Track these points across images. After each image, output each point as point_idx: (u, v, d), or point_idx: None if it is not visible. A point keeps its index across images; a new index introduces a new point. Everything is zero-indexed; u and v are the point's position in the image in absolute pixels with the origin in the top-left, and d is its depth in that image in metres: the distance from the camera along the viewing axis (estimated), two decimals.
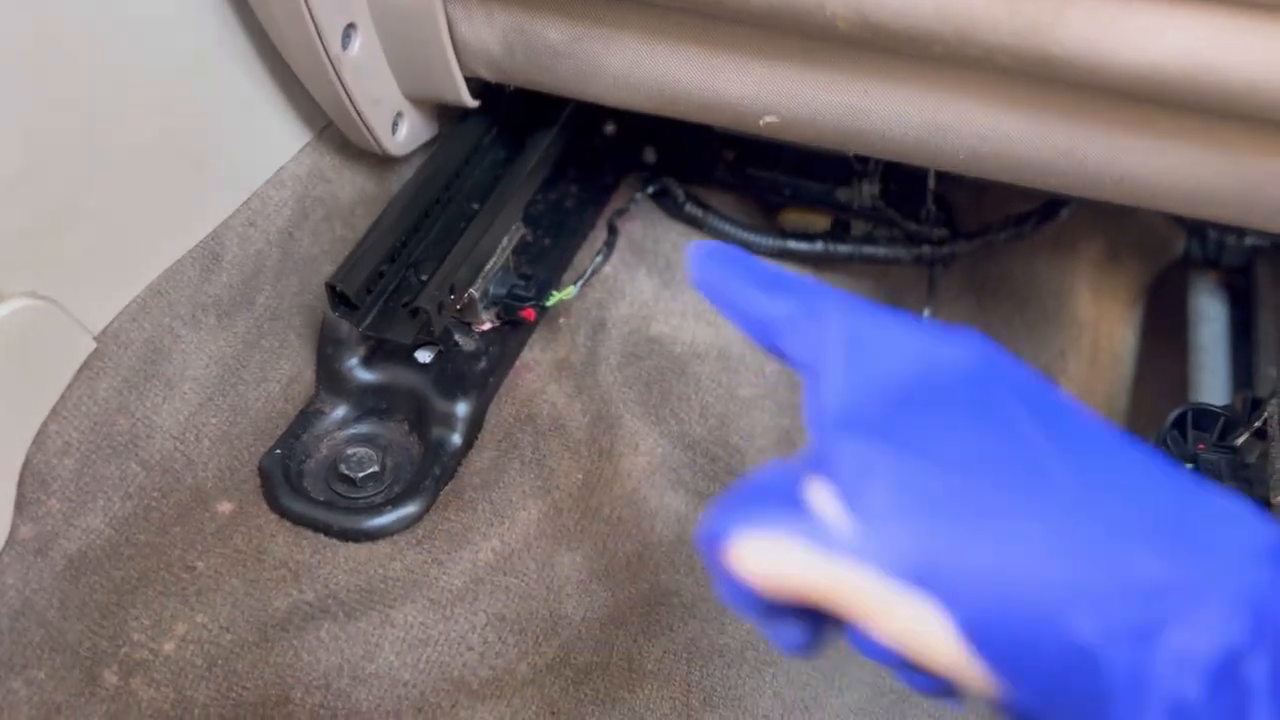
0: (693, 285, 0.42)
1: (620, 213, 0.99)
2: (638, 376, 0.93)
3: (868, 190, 0.98)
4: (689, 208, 1.01)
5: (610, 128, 1.02)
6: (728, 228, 1.02)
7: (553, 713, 0.76)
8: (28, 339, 0.71)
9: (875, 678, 0.81)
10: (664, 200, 1.03)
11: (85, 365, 0.76)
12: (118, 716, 0.71)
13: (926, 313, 1.01)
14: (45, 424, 0.74)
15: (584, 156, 1.02)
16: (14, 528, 0.72)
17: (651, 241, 1.01)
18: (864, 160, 0.98)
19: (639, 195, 1.01)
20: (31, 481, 0.73)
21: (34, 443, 0.73)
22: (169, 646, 0.74)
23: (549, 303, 0.88)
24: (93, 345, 0.76)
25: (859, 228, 1.03)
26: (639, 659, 0.80)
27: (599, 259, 0.93)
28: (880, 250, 1.01)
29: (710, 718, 0.77)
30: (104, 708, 0.71)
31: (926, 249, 1.00)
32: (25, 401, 0.73)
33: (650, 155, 1.03)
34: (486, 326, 0.88)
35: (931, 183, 0.99)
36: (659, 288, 0.98)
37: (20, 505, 0.73)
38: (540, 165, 0.90)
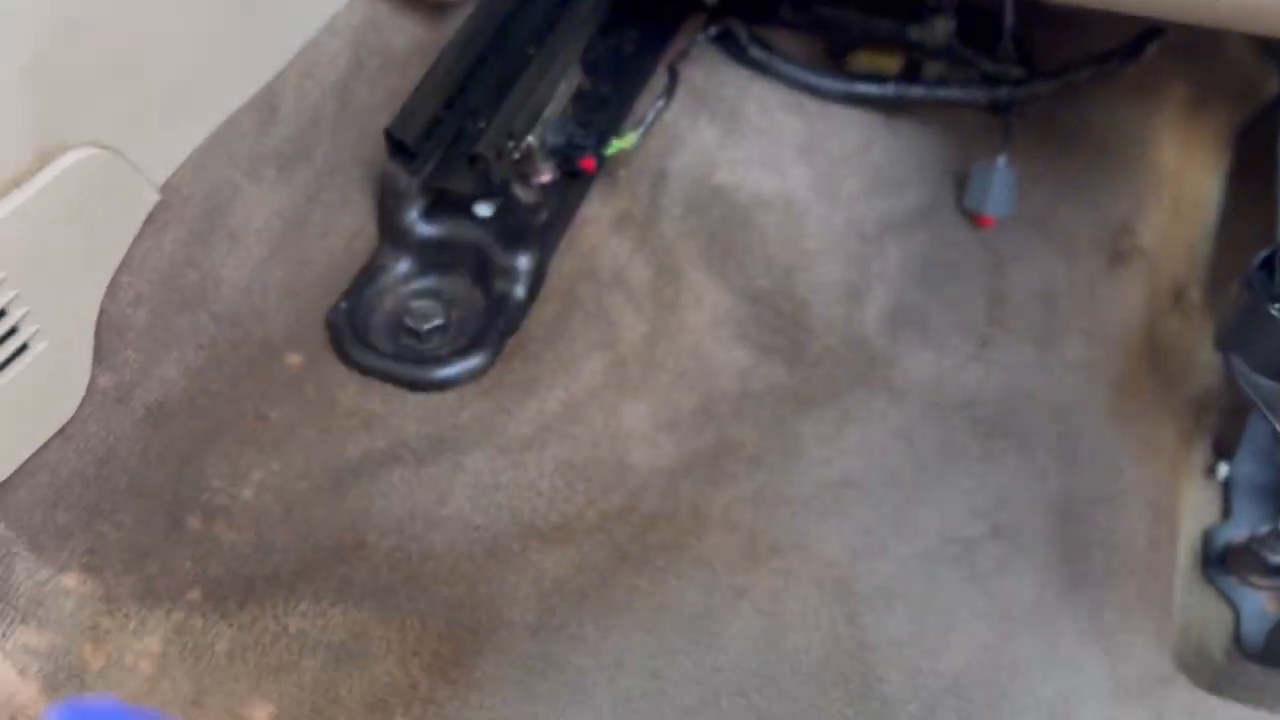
0: None
1: (681, 56, 0.95)
2: (700, 228, 0.91)
3: (942, 27, 0.93)
4: (753, 51, 0.97)
5: None
6: (793, 71, 0.98)
7: (621, 557, 0.77)
8: (95, 189, 0.71)
9: (942, 526, 0.81)
10: (727, 43, 0.99)
11: (151, 217, 0.76)
12: (203, 559, 0.74)
13: (1002, 160, 0.97)
14: (117, 275, 0.75)
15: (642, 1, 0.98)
16: (93, 377, 0.74)
17: (714, 87, 0.98)
18: None
19: (700, 38, 0.97)
20: (108, 332, 0.74)
21: (107, 294, 0.74)
22: (247, 493, 0.76)
23: (608, 151, 0.86)
24: (157, 197, 0.76)
25: (932, 69, 0.98)
26: (705, 507, 0.80)
27: (659, 106, 0.91)
28: (954, 93, 0.96)
29: (777, 563, 0.78)
30: (190, 550, 0.74)
31: (1003, 91, 0.96)
32: (97, 252, 0.73)
33: None
34: (546, 178, 0.87)
35: (1009, 19, 0.94)
36: (721, 135, 0.96)
37: (98, 355, 0.74)
38: (597, 7, 0.86)
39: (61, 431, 0.73)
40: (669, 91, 0.91)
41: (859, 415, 0.88)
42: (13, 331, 0.67)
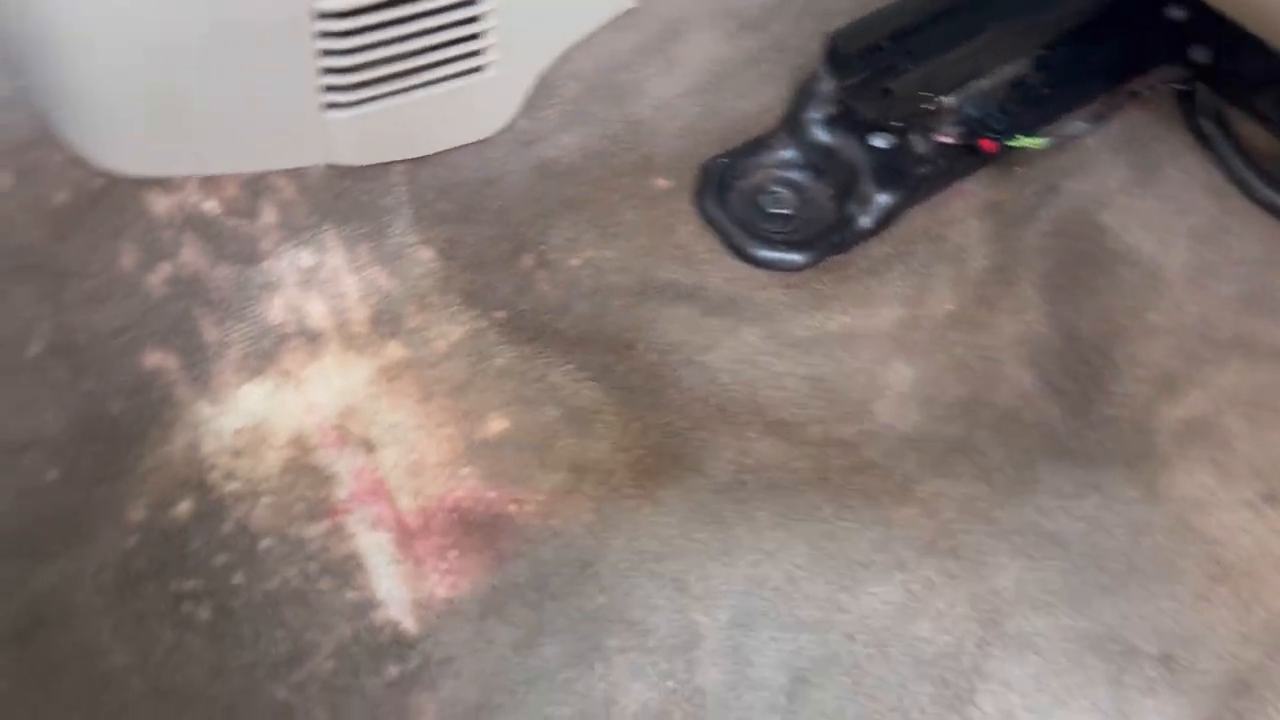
0: None
1: (1134, 95, 0.95)
2: (1059, 250, 0.93)
3: None
4: (1205, 122, 0.95)
5: (1177, 12, 0.96)
6: (1233, 160, 0.94)
7: (821, 478, 0.84)
8: None
9: (1119, 624, 0.81)
10: (1186, 102, 0.96)
11: (620, 19, 0.90)
12: (519, 293, 0.89)
13: None
14: (571, 50, 0.89)
15: (1130, 28, 0.98)
16: (516, 117, 0.90)
17: (1150, 137, 0.97)
18: None
19: (1161, 85, 0.96)
20: (542, 89, 0.90)
21: (557, 61, 0.89)
22: (574, 261, 0.90)
23: (1013, 143, 0.89)
24: (633, 5, 0.89)
25: None
26: (915, 484, 0.85)
27: (1086, 127, 0.92)
28: None
29: (949, 564, 0.81)
30: (514, 282, 0.89)
31: None
32: (567, 24, 0.88)
33: (1200, 55, 0.96)
34: (946, 140, 0.91)
35: None
36: (1130, 183, 0.95)
37: (528, 102, 0.90)
38: (1075, 14, 0.88)
39: (475, 144, 0.90)
40: (1100, 119, 0.92)
41: (1106, 492, 0.87)
42: (479, 53, 0.84)
